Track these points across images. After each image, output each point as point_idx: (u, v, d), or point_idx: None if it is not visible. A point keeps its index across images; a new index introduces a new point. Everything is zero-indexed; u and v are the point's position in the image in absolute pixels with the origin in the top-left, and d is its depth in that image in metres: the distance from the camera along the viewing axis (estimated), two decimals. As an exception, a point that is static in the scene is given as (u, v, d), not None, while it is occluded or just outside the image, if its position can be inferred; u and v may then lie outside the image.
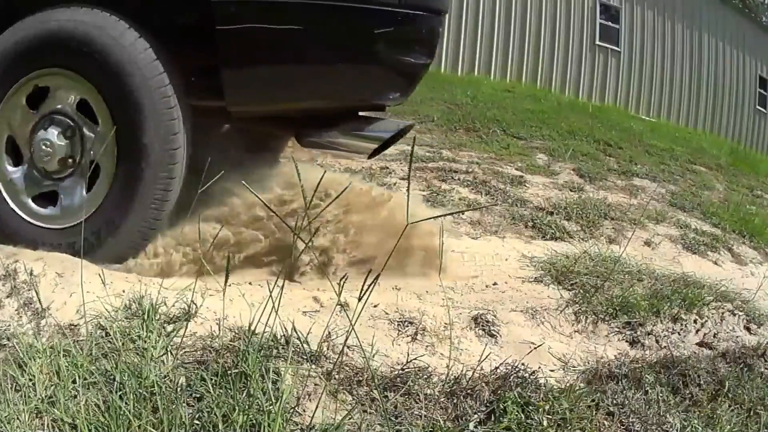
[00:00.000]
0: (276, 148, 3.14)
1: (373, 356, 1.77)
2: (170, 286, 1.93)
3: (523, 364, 1.78)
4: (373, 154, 2.42)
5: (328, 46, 2.14)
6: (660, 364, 2.02)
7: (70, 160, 2.10)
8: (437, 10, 2.25)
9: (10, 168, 2.15)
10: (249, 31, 2.01)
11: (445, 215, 1.45)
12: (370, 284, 1.25)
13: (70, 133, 2.08)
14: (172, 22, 2.11)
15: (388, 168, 4.36)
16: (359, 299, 1.22)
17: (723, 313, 2.60)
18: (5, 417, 1.30)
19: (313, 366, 1.65)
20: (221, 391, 1.45)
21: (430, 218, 2.37)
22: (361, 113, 2.47)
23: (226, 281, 1.47)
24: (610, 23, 14.88)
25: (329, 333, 1.77)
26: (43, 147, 2.07)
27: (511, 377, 1.71)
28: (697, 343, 2.37)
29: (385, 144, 2.42)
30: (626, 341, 2.29)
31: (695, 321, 2.50)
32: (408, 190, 1.31)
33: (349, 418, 1.46)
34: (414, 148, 1.28)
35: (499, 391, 1.64)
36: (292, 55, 2.11)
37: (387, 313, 2.08)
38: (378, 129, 2.40)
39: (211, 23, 1.99)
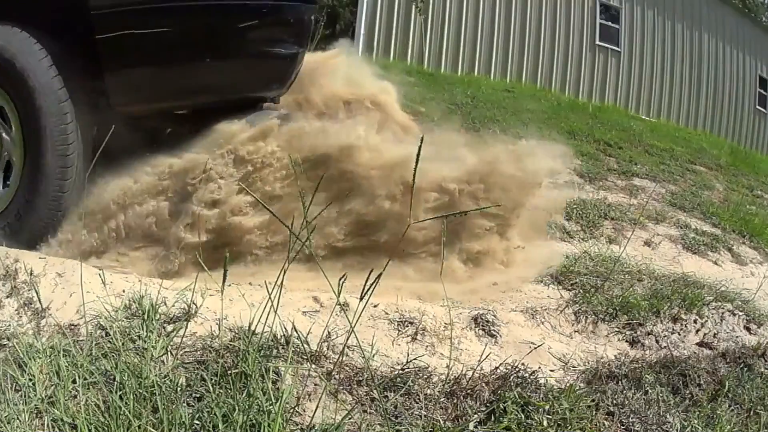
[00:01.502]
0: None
1: (373, 356, 1.77)
2: (170, 286, 1.93)
3: (523, 364, 1.78)
4: None
5: (196, 44, 2.25)
6: (660, 364, 2.02)
7: None
8: None
9: None
10: (124, 37, 2.16)
11: (446, 215, 1.45)
12: (372, 284, 1.25)
13: None
14: (64, 32, 2.25)
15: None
16: (360, 299, 1.22)
17: (723, 313, 2.60)
18: (5, 417, 1.30)
19: (313, 366, 1.65)
20: (221, 391, 1.45)
21: (431, 218, 2.37)
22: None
23: (224, 281, 1.47)
24: (610, 23, 14.87)
25: (329, 333, 1.77)
26: None
27: (511, 377, 1.71)
28: (697, 343, 2.37)
29: None
30: (626, 341, 2.29)
31: (695, 321, 2.50)
32: (412, 189, 1.31)
33: (349, 418, 1.45)
34: (421, 147, 1.29)
35: (499, 391, 1.64)
36: (164, 57, 2.25)
37: (387, 313, 2.08)
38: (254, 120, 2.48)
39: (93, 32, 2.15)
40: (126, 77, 2.25)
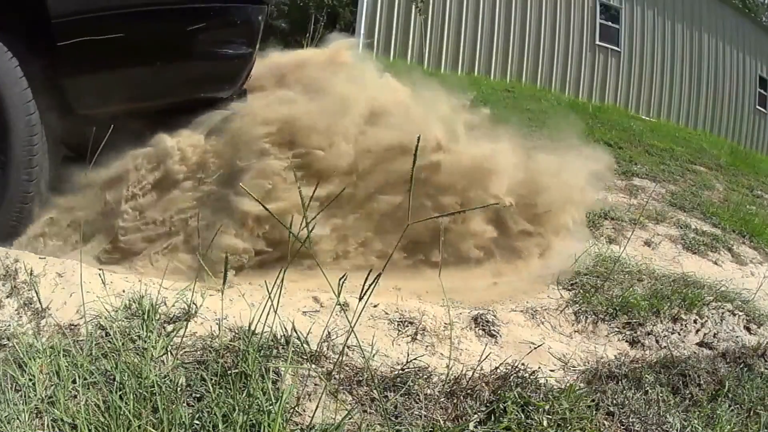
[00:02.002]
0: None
1: (373, 356, 1.77)
2: (170, 286, 1.93)
3: (523, 364, 1.78)
4: None
5: (148, 48, 2.34)
6: (660, 364, 2.02)
7: None
8: (252, 0, 2.42)
9: None
10: (81, 44, 2.23)
11: (445, 215, 1.45)
12: (371, 284, 1.25)
13: None
14: (29, 38, 2.32)
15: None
16: (360, 299, 1.22)
17: (723, 313, 2.60)
18: (5, 417, 1.30)
19: (313, 366, 1.65)
20: (221, 391, 1.45)
21: (430, 218, 2.37)
22: None
23: (224, 282, 1.47)
24: (610, 23, 14.87)
25: (329, 333, 1.77)
26: None
27: (511, 377, 1.71)
28: (697, 343, 2.37)
29: None
30: (626, 341, 2.29)
31: (695, 321, 2.50)
32: (411, 190, 1.31)
33: (349, 418, 1.45)
34: (418, 147, 1.29)
35: (499, 391, 1.64)
36: (119, 61, 2.33)
37: (387, 313, 2.08)
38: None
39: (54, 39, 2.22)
40: (85, 81, 2.33)
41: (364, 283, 1.25)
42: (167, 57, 2.34)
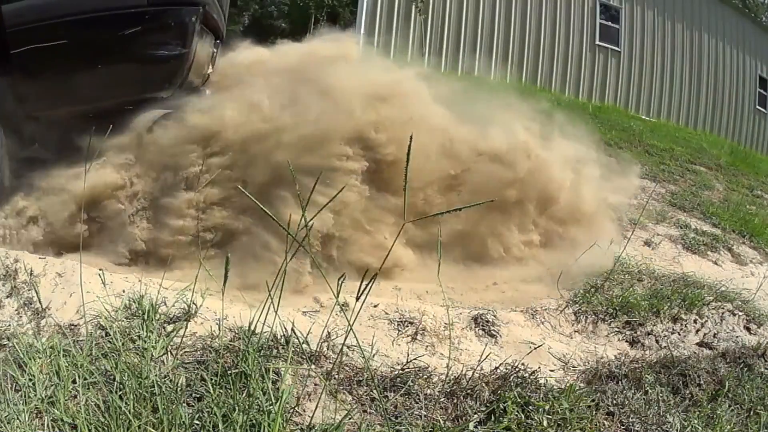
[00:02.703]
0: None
1: (373, 356, 1.77)
2: (170, 286, 1.93)
3: (523, 364, 1.78)
4: None
5: (90, 53, 2.51)
6: (660, 364, 2.01)
7: None
8: (185, 2, 2.60)
9: None
10: (32, 51, 2.41)
11: (443, 213, 1.45)
12: (368, 283, 1.25)
13: None
14: None
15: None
16: (357, 298, 1.22)
17: (723, 313, 2.60)
18: (5, 417, 1.30)
19: (313, 366, 1.65)
20: (221, 391, 1.45)
21: (427, 216, 2.38)
22: None
23: (224, 281, 1.47)
24: (610, 23, 14.86)
25: (329, 333, 1.77)
26: None
27: (511, 377, 1.71)
28: (697, 343, 2.37)
29: None
30: (626, 341, 2.29)
31: (695, 321, 2.50)
32: (405, 189, 1.31)
33: (349, 418, 1.45)
34: (411, 146, 1.29)
35: (499, 391, 1.64)
36: (65, 66, 2.50)
37: (387, 313, 2.08)
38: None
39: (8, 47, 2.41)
40: (36, 86, 2.50)
41: (360, 282, 1.25)
42: (107, 61, 2.53)
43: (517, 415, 1.56)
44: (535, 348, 1.95)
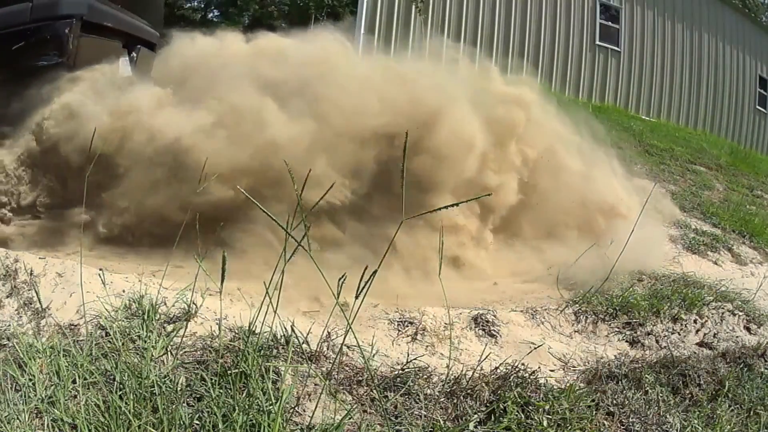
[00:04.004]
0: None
1: (373, 356, 1.77)
2: (170, 286, 1.93)
3: (523, 364, 1.78)
4: None
5: None
6: (660, 364, 2.01)
7: None
8: (60, 16, 2.95)
9: None
10: None
11: (440, 209, 1.45)
12: (368, 281, 1.25)
13: None
14: None
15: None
16: (356, 296, 1.22)
17: (723, 313, 2.60)
18: (5, 417, 1.30)
19: (313, 366, 1.65)
20: (221, 391, 1.45)
21: (426, 213, 2.38)
22: None
23: (222, 281, 1.47)
24: (610, 23, 14.86)
25: (329, 333, 1.77)
26: None
27: (511, 377, 1.71)
28: (697, 343, 2.37)
29: None
30: (626, 341, 2.29)
31: (695, 321, 2.50)
32: (403, 186, 1.31)
33: (349, 418, 1.45)
34: (406, 147, 1.29)
35: (499, 391, 1.64)
36: None
37: (387, 313, 2.08)
38: None
39: None
40: None
41: (360, 280, 1.25)
42: (3, 74, 2.90)
43: (517, 415, 1.56)
44: (535, 348, 1.95)
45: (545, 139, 3.24)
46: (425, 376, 1.68)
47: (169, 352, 1.59)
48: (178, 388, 1.44)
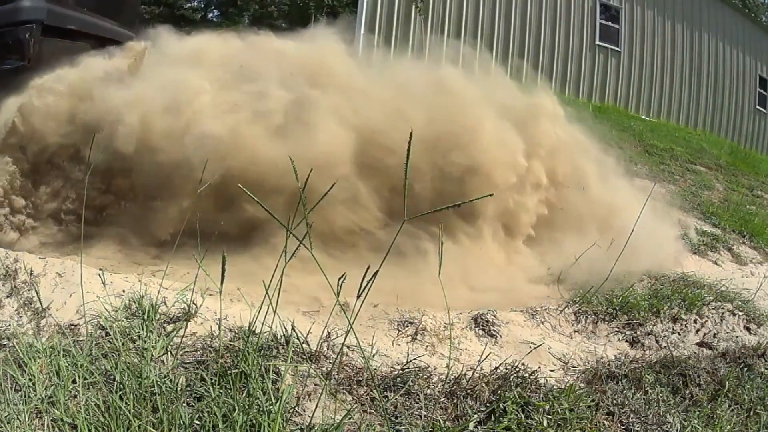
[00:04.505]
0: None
1: (373, 356, 1.77)
2: (170, 286, 1.93)
3: (523, 364, 1.78)
4: None
5: None
6: (660, 364, 2.01)
7: None
8: (19, 22, 3.09)
9: None
10: None
11: (442, 209, 1.45)
12: (368, 281, 1.25)
13: None
14: None
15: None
16: (358, 296, 1.22)
17: (723, 313, 2.60)
18: (5, 417, 1.30)
19: (313, 366, 1.65)
20: (221, 391, 1.45)
21: (427, 213, 2.37)
22: None
23: (222, 281, 1.47)
24: (610, 23, 14.86)
25: (329, 333, 1.77)
26: None
27: (511, 377, 1.71)
28: (697, 343, 2.37)
29: None
30: (626, 341, 2.29)
31: (695, 321, 2.50)
32: (405, 186, 1.31)
33: (349, 418, 1.45)
34: (410, 147, 1.29)
35: (499, 391, 1.64)
36: None
37: (387, 313, 2.08)
38: None
39: None
40: None
41: (362, 281, 1.25)
42: None
43: (517, 415, 1.56)
44: (535, 348, 1.95)
45: (572, 155, 3.30)
46: (425, 376, 1.68)
47: (169, 352, 1.59)
48: (178, 388, 1.44)
